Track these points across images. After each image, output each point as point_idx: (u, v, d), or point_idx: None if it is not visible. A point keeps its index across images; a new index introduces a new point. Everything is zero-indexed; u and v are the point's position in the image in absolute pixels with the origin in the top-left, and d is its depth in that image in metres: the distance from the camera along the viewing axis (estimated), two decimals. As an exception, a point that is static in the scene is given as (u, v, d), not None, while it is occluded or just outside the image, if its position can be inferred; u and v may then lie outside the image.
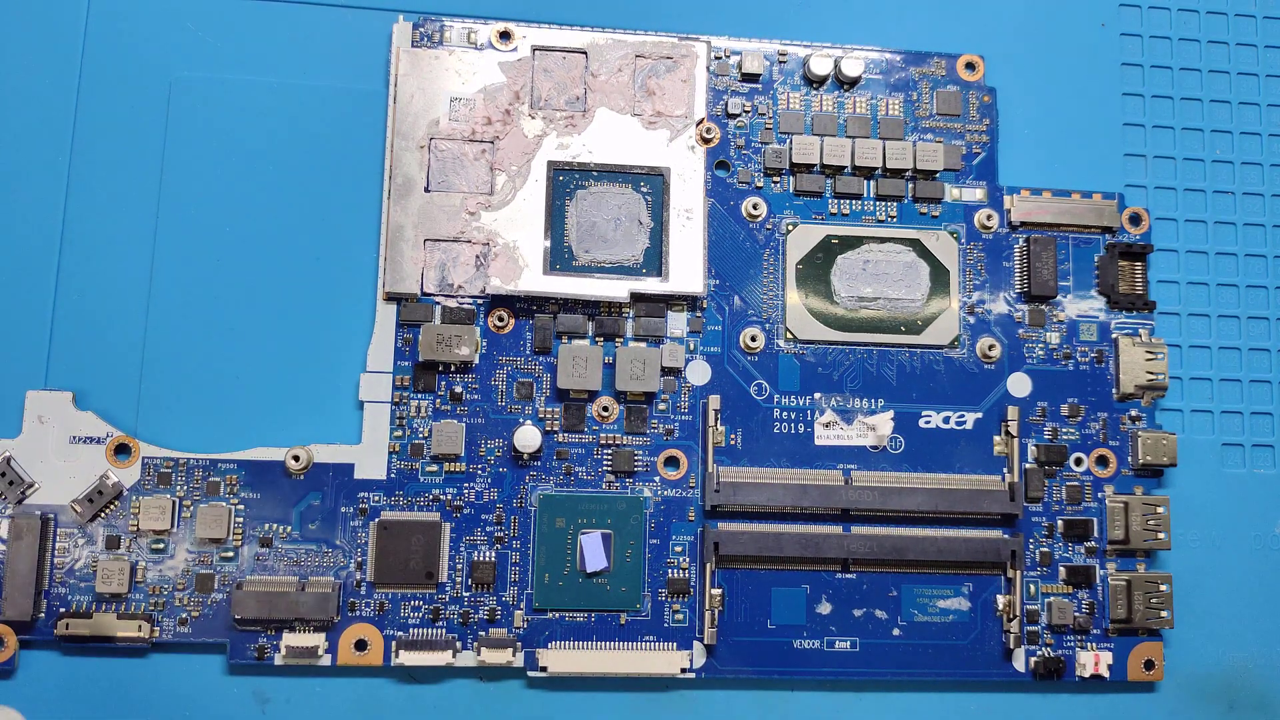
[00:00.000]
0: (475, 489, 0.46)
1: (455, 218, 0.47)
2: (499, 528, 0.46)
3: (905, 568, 0.48)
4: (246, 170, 0.48)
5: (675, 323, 0.48)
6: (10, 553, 0.43)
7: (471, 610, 0.46)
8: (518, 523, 0.46)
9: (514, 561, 0.46)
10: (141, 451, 0.45)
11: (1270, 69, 0.55)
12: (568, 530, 0.46)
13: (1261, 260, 0.53)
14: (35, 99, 0.47)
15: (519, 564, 0.46)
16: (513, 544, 0.46)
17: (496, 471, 0.46)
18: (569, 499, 0.46)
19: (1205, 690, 0.49)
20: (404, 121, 0.47)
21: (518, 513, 0.46)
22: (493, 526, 0.46)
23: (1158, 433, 0.49)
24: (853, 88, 0.50)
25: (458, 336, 0.46)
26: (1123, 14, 0.54)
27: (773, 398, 0.48)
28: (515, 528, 0.46)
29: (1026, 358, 0.50)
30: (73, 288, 0.47)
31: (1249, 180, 0.54)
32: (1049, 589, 0.48)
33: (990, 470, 0.49)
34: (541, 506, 0.46)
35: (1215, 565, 0.51)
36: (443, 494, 0.46)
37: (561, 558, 0.46)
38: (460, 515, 0.46)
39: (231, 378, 0.47)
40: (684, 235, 0.48)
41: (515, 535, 0.46)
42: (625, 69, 0.48)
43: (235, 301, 0.47)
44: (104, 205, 0.47)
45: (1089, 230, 0.51)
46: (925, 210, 0.50)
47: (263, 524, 0.45)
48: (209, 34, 0.49)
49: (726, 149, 0.49)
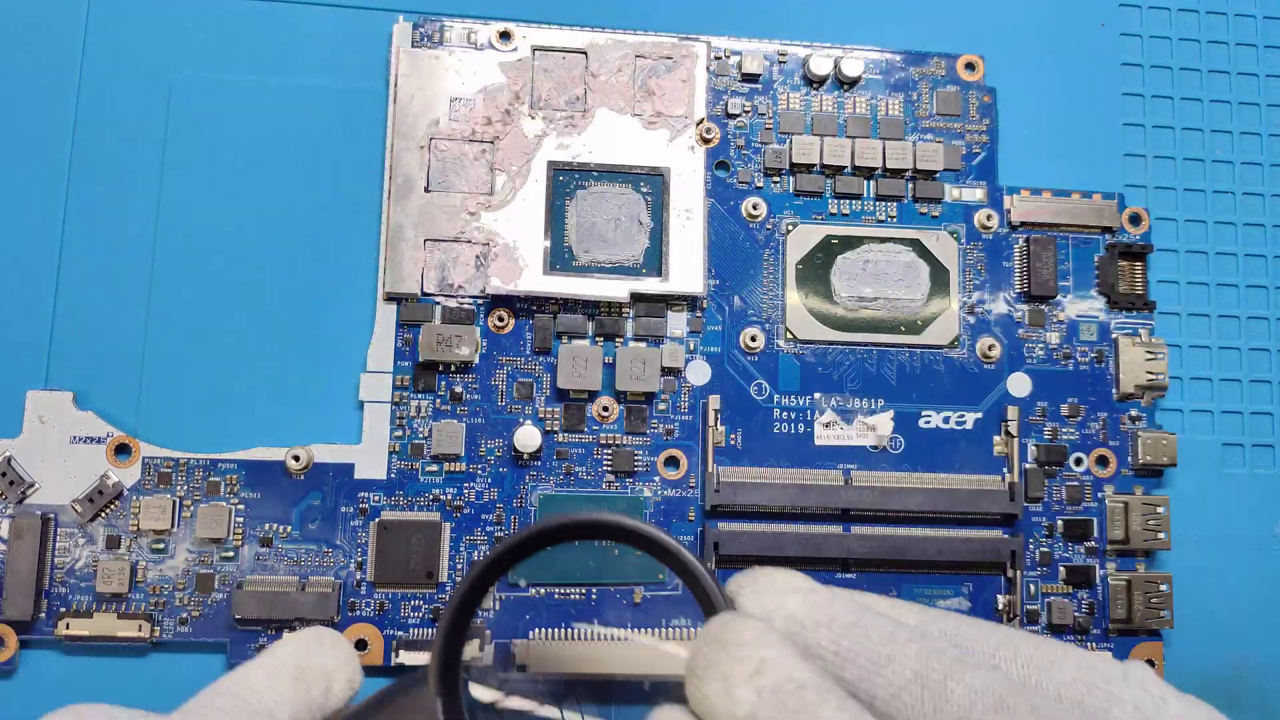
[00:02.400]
0: (475, 489, 0.46)
1: (455, 218, 0.47)
2: (499, 528, 0.46)
3: (905, 568, 0.48)
4: (246, 170, 0.48)
5: (675, 323, 0.48)
6: (10, 553, 0.43)
7: (471, 610, 0.45)
8: (518, 523, 0.46)
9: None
10: (141, 451, 0.45)
11: (1270, 69, 0.55)
12: (568, 530, 0.46)
13: (1261, 260, 0.53)
14: (35, 99, 0.47)
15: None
16: (513, 544, 0.46)
17: (496, 471, 0.46)
18: (569, 499, 0.46)
19: (1205, 690, 0.49)
20: (404, 121, 0.47)
21: (518, 513, 0.46)
22: (493, 526, 0.46)
23: (1158, 433, 0.49)
24: (853, 88, 0.50)
25: (458, 336, 0.46)
26: (1123, 14, 0.54)
27: (773, 398, 0.48)
28: (515, 528, 0.46)
29: (1026, 358, 0.50)
30: (73, 288, 0.47)
31: (1249, 180, 0.54)
32: (1049, 589, 0.48)
33: (990, 470, 0.49)
34: (542, 506, 0.46)
35: (1215, 565, 0.51)
36: (443, 494, 0.46)
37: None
38: (460, 515, 0.46)
39: (231, 378, 0.47)
40: (684, 235, 0.48)
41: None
42: (625, 69, 0.48)
43: (235, 301, 0.47)
44: (104, 205, 0.47)
45: (1089, 230, 0.51)
46: (925, 210, 0.50)
47: (263, 524, 0.45)
48: (209, 34, 0.49)
49: (726, 149, 0.49)
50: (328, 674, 0.33)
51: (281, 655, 0.33)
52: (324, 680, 0.33)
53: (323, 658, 0.33)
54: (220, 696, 0.30)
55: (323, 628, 0.35)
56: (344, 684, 0.34)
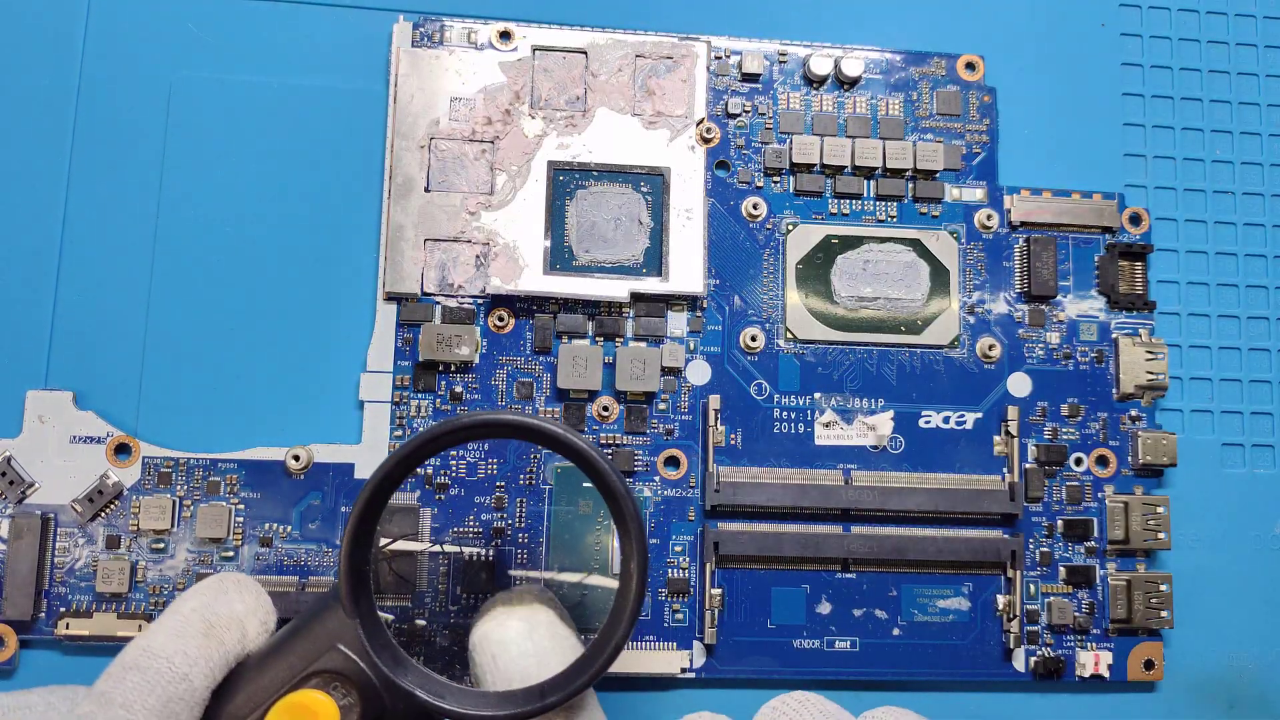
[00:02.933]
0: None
1: (455, 218, 0.47)
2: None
3: (905, 567, 0.48)
4: (246, 170, 0.48)
5: (675, 323, 0.48)
6: (10, 553, 0.43)
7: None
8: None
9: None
10: (141, 451, 0.45)
11: (1270, 69, 0.55)
12: (568, 530, 0.46)
13: (1261, 260, 0.53)
14: (35, 99, 0.47)
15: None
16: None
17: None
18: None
19: (1205, 690, 0.49)
20: (404, 121, 0.47)
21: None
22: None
23: (1158, 433, 0.49)
24: (853, 88, 0.50)
25: (458, 336, 0.46)
26: (1123, 14, 0.54)
27: (773, 397, 0.48)
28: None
29: (1026, 358, 0.50)
30: (73, 288, 0.47)
31: (1249, 180, 0.54)
32: (1049, 589, 0.48)
33: (990, 470, 0.49)
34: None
35: (1215, 565, 0.51)
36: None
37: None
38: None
39: (231, 378, 0.47)
40: (684, 235, 0.48)
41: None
42: (625, 69, 0.48)
43: (235, 301, 0.47)
44: (104, 205, 0.47)
45: (1089, 230, 0.51)
46: (925, 210, 0.50)
47: (263, 524, 0.45)
48: (209, 34, 0.49)
49: (726, 149, 0.49)
50: (239, 621, 0.31)
51: (186, 612, 0.30)
52: (236, 628, 0.31)
53: (230, 605, 0.31)
54: (130, 672, 0.28)
55: (227, 573, 0.33)
56: (258, 626, 0.32)
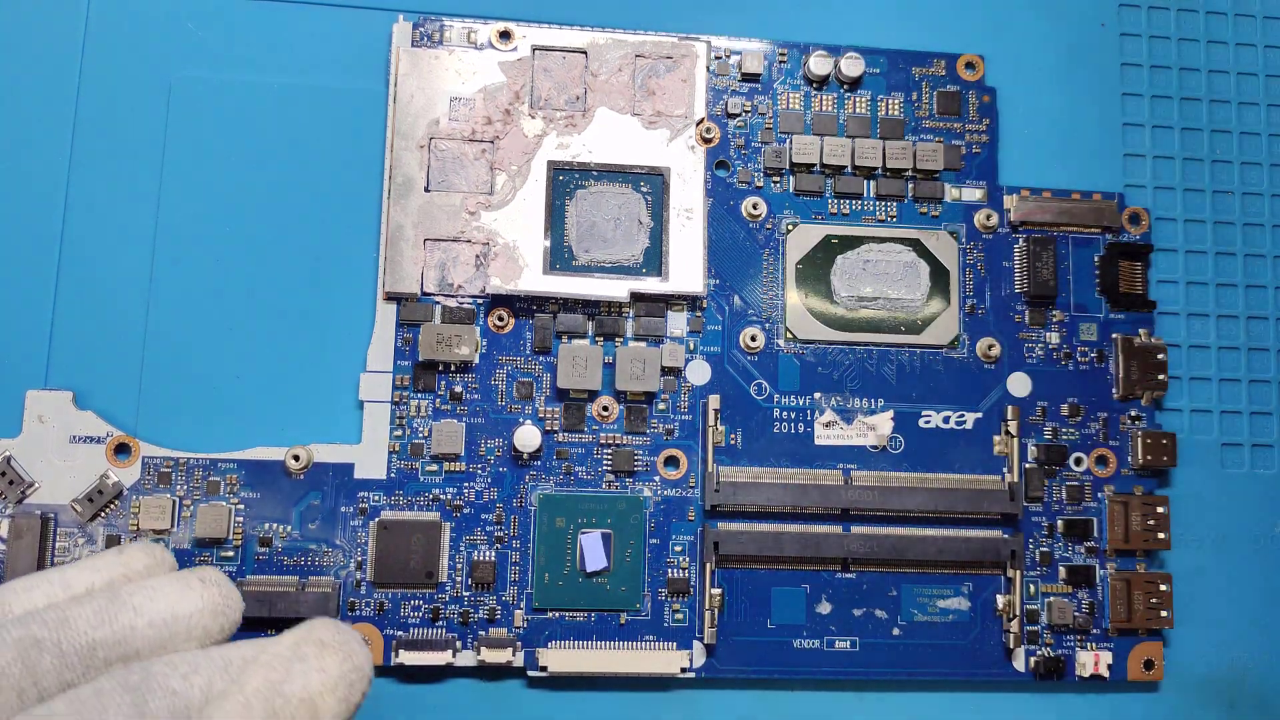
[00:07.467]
0: (475, 489, 0.46)
1: (455, 217, 0.47)
2: (499, 527, 0.46)
3: (905, 567, 0.48)
4: (246, 170, 0.48)
5: (675, 322, 0.48)
6: (10, 552, 0.43)
7: (471, 610, 0.46)
8: (518, 522, 0.46)
9: (514, 561, 0.46)
10: (141, 451, 0.45)
11: (1270, 69, 0.55)
12: (568, 530, 0.46)
13: (1261, 260, 0.53)
14: (35, 99, 0.47)
15: (519, 563, 0.46)
16: (513, 544, 0.46)
17: (496, 471, 0.46)
18: (569, 499, 0.46)
19: (1205, 690, 0.49)
20: (404, 121, 0.47)
21: (518, 512, 0.46)
22: (493, 526, 0.46)
23: (1158, 433, 0.49)
24: (853, 88, 0.50)
25: (458, 336, 0.46)
26: (1123, 14, 0.54)
27: (773, 397, 0.48)
28: (515, 527, 0.46)
29: (1026, 358, 0.50)
30: (73, 288, 0.47)
31: (1249, 180, 0.54)
32: (1049, 589, 0.48)
33: (990, 470, 0.49)
34: (541, 506, 0.46)
35: (1215, 565, 0.51)
36: (443, 494, 0.46)
37: (561, 557, 0.46)
38: (460, 515, 0.46)
39: (231, 378, 0.47)
40: (684, 235, 0.48)
41: (515, 535, 0.46)
42: (625, 69, 0.48)
43: (235, 301, 0.47)
44: (104, 205, 0.47)
45: (1089, 230, 0.51)
46: (925, 210, 0.50)
47: (263, 524, 0.45)
48: (209, 34, 0.49)
49: (726, 149, 0.49)
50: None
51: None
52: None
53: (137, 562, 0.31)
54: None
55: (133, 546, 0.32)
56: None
